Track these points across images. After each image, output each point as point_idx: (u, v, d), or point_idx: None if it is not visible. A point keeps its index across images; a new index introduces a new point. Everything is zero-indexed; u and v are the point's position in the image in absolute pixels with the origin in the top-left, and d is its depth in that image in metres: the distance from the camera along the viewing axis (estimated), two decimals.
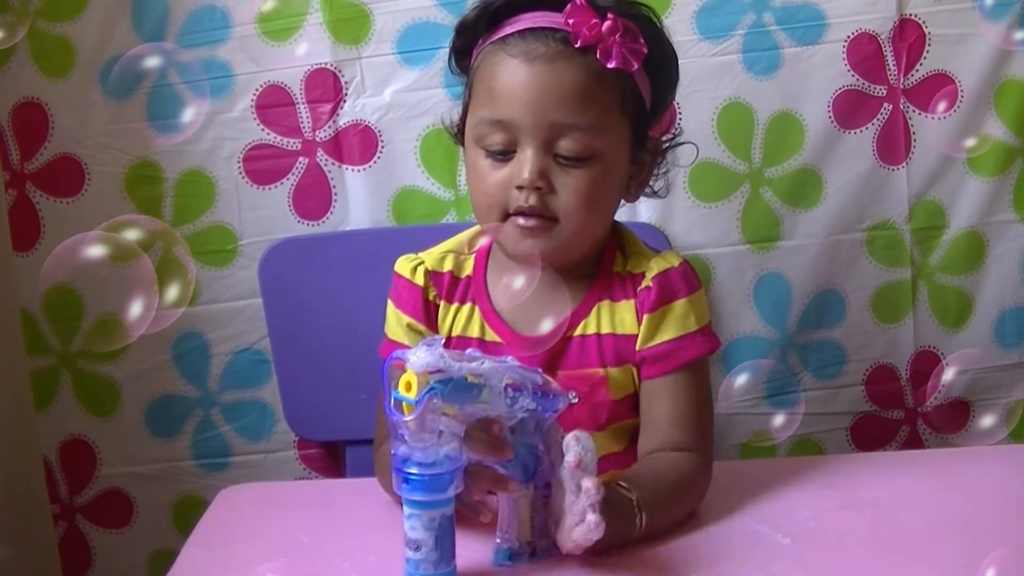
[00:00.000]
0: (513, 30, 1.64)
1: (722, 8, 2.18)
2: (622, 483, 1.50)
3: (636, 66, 1.64)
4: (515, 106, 1.61)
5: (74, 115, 2.17)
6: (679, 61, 1.79)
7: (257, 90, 2.18)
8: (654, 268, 1.71)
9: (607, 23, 1.60)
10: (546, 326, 1.66)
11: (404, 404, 1.31)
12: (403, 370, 1.32)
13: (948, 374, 2.26)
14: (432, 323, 1.74)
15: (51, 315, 2.22)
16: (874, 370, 2.31)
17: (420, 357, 1.31)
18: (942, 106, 2.23)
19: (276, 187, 2.21)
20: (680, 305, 1.70)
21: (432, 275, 1.75)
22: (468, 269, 1.77)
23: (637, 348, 1.69)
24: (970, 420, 2.33)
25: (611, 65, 1.61)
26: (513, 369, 1.40)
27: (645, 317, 1.69)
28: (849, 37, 2.19)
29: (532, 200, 1.61)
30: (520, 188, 1.61)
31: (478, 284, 1.75)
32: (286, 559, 1.50)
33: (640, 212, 2.22)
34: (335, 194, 2.21)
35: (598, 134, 1.62)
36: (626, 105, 1.66)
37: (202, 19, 2.16)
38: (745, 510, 1.59)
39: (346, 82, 2.18)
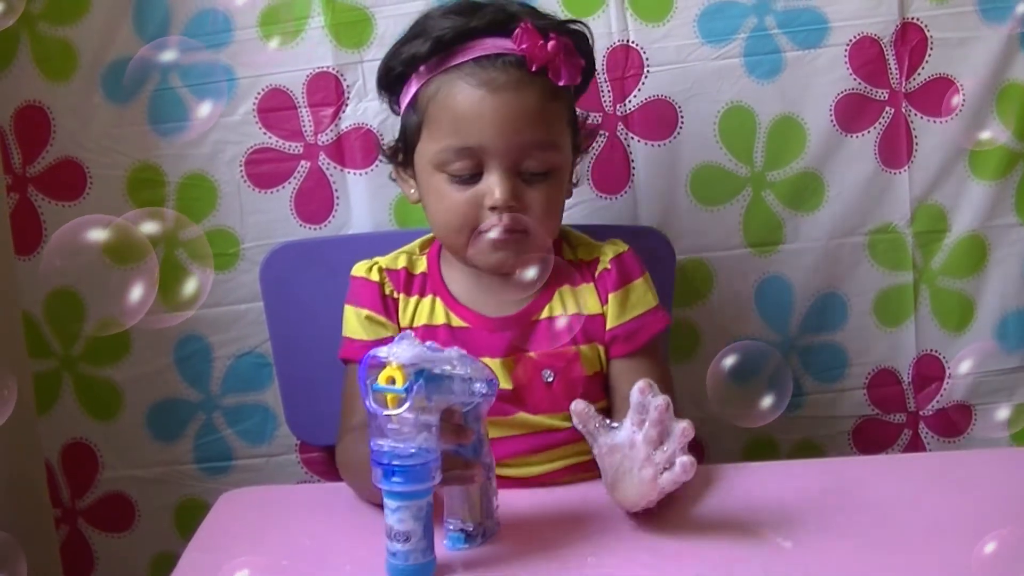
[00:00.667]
0: (466, 58, 1.74)
1: (724, 12, 2.18)
2: None
3: (579, 80, 1.80)
4: (485, 134, 1.71)
5: (76, 118, 2.17)
6: (682, 65, 2.06)
7: (259, 94, 2.18)
8: (608, 253, 1.85)
9: (551, 43, 1.72)
10: (510, 307, 1.81)
11: (389, 396, 1.37)
12: (381, 367, 1.38)
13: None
14: (390, 314, 1.83)
15: (53, 318, 2.22)
16: (876, 374, 2.31)
17: (405, 350, 1.38)
18: (944, 109, 2.23)
19: (278, 191, 2.21)
20: (639, 284, 1.85)
21: (387, 272, 1.86)
22: (422, 266, 1.88)
23: (608, 327, 1.81)
24: (972, 424, 2.33)
25: (562, 83, 1.74)
26: (467, 357, 1.47)
27: (610, 297, 1.82)
28: (851, 41, 2.19)
29: (507, 220, 1.72)
30: (493, 208, 1.72)
31: (434, 279, 1.86)
32: (288, 562, 1.50)
33: (641, 216, 2.22)
34: (337, 198, 2.21)
35: (556, 148, 1.77)
36: (570, 115, 1.82)
37: (204, 22, 2.16)
38: (746, 513, 1.60)
39: (348, 86, 2.18)
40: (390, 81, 1.86)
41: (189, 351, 2.25)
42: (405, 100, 1.83)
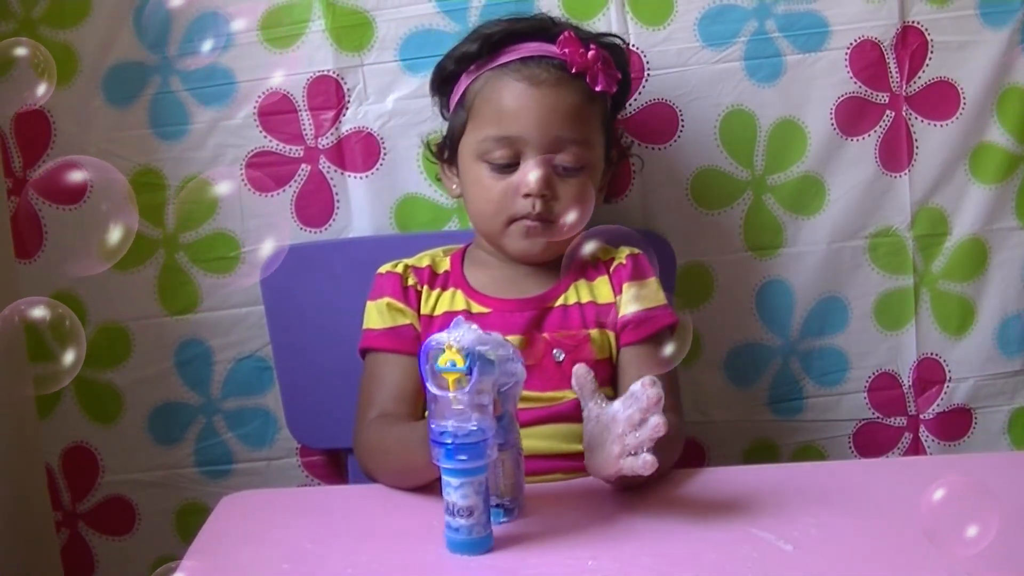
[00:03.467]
0: (512, 58, 1.92)
1: (724, 15, 2.19)
2: None
3: (615, 89, 1.96)
4: (523, 124, 1.87)
5: (77, 122, 2.17)
6: (682, 69, 2.15)
7: (259, 97, 2.18)
8: (624, 252, 1.97)
9: (592, 52, 1.90)
10: (528, 292, 1.93)
11: (451, 379, 1.47)
12: (440, 350, 1.47)
13: None
14: (410, 303, 1.93)
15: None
16: (876, 377, 2.31)
17: (465, 334, 1.48)
18: (944, 113, 2.23)
19: (278, 194, 2.21)
20: (652, 282, 1.95)
21: (412, 268, 1.97)
22: (445, 266, 1.99)
23: (620, 314, 1.92)
24: (972, 427, 2.33)
25: (598, 88, 1.91)
26: (507, 342, 1.54)
27: (624, 286, 1.93)
28: (851, 44, 2.20)
29: (539, 207, 1.86)
30: (527, 196, 1.86)
31: (456, 275, 1.97)
32: (288, 566, 1.50)
33: (642, 220, 2.22)
34: (337, 201, 2.21)
35: (589, 147, 1.91)
36: (605, 122, 1.96)
37: (204, 26, 2.15)
38: (747, 516, 1.59)
39: (348, 89, 2.19)
40: (442, 81, 2.03)
41: (190, 355, 2.24)
42: (455, 99, 1.99)
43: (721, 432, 2.30)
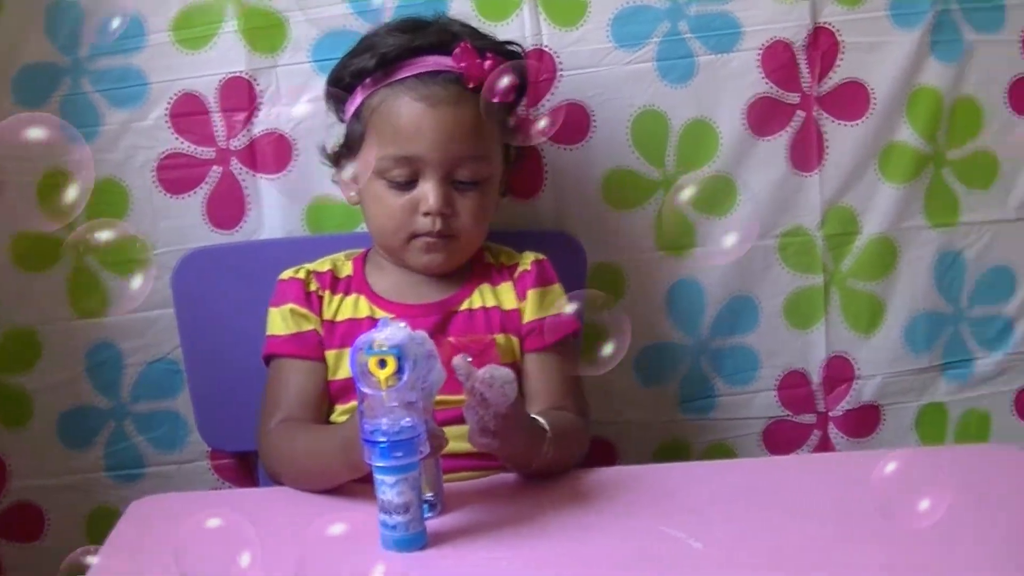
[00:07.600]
0: (408, 74, 1.90)
1: (637, 16, 2.20)
2: (535, 416, 1.75)
3: (513, 98, 1.89)
4: (423, 145, 1.86)
5: None
6: (595, 69, 2.16)
7: (171, 98, 2.16)
8: (528, 258, 1.99)
9: (488, 63, 1.86)
10: (431, 297, 1.93)
11: (382, 378, 1.47)
12: (371, 350, 1.48)
13: None
14: (313, 308, 1.92)
15: None
16: (786, 375, 2.33)
17: (395, 333, 1.49)
18: (854, 113, 2.25)
19: (190, 196, 2.19)
20: (557, 288, 1.97)
21: (313, 273, 1.96)
22: (347, 270, 1.99)
23: (525, 320, 1.93)
24: (880, 424, 2.35)
25: (496, 100, 1.83)
26: (428, 339, 1.54)
27: (529, 292, 1.94)
28: (763, 45, 2.21)
29: (439, 225, 1.87)
30: (427, 214, 1.87)
31: (359, 280, 1.97)
32: (197, 569, 1.49)
33: (554, 220, 2.23)
34: (249, 203, 2.20)
35: (488, 161, 1.91)
36: (502, 130, 1.93)
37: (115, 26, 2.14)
38: (658, 514, 1.60)
39: (261, 90, 2.17)
40: (337, 92, 1.99)
41: (100, 358, 2.22)
42: (350, 109, 1.96)
43: (632, 432, 2.31)
